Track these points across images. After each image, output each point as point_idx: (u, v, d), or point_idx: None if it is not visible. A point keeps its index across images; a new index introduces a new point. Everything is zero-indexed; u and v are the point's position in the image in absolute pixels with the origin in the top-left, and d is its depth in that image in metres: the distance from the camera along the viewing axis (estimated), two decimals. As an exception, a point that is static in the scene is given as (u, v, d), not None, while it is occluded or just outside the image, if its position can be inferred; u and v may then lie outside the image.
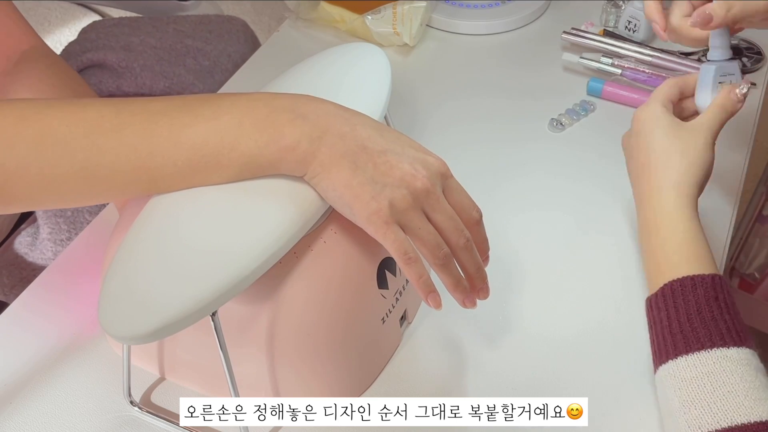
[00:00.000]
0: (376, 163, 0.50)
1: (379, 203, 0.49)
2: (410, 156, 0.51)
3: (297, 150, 0.50)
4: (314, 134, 0.50)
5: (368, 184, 0.49)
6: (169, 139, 0.50)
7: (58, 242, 0.84)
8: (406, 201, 0.50)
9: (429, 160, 0.51)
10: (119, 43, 1.02)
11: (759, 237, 1.25)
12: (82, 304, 0.69)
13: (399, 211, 0.50)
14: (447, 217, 0.52)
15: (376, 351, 0.63)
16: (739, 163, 0.81)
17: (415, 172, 0.50)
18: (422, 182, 0.50)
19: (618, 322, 0.67)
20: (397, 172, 0.50)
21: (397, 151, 0.51)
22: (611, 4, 1.01)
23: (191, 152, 0.50)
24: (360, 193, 0.49)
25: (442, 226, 0.52)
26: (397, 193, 0.49)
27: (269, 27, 2.09)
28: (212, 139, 0.50)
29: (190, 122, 0.50)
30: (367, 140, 0.50)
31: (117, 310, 0.47)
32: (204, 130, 0.50)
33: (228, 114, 0.50)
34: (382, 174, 0.50)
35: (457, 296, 0.54)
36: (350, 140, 0.50)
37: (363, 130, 0.51)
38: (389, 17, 0.98)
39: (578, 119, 0.89)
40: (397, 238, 0.50)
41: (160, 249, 0.50)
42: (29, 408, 0.62)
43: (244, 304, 0.56)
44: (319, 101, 0.52)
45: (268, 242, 0.50)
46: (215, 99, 0.52)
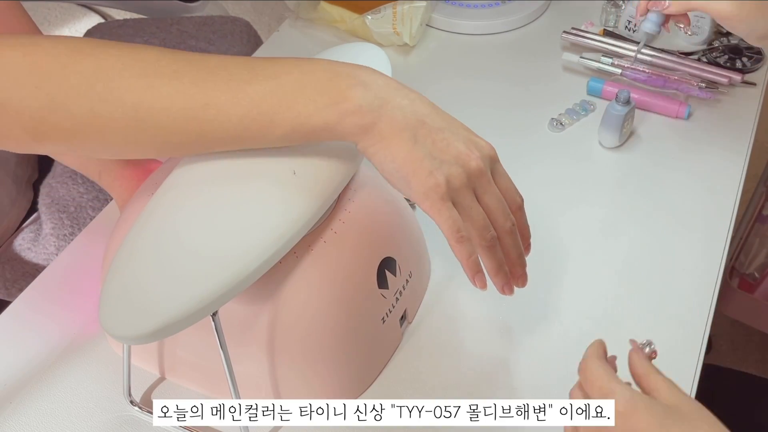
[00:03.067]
0: (434, 140, 0.50)
1: (437, 179, 0.49)
2: (464, 136, 0.52)
3: (357, 114, 0.49)
4: (375, 103, 0.49)
5: (427, 159, 0.49)
6: (226, 93, 0.49)
7: (61, 237, 0.84)
8: (461, 179, 0.50)
9: (481, 142, 0.52)
10: (123, 44, 1.03)
11: (759, 237, 1.25)
12: (83, 304, 0.69)
13: (454, 188, 0.50)
14: (496, 200, 0.52)
15: (376, 351, 0.63)
16: (739, 163, 0.82)
17: (470, 152, 0.51)
18: (476, 162, 0.51)
19: (616, 322, 0.67)
20: (453, 150, 0.50)
21: (453, 130, 0.51)
22: (611, 4, 1.01)
23: (247, 108, 0.49)
24: (419, 167, 0.49)
25: (491, 207, 0.52)
26: (454, 170, 0.50)
27: (269, 27, 2.09)
28: (270, 97, 0.49)
29: (249, 79, 0.49)
30: (426, 116, 0.51)
31: (118, 310, 0.47)
32: (262, 88, 0.49)
33: (289, 75, 0.50)
34: (440, 150, 0.50)
35: (498, 281, 0.55)
36: (410, 114, 0.50)
37: (422, 105, 0.51)
38: (389, 17, 0.98)
39: (578, 119, 0.89)
40: (451, 216, 0.50)
41: (161, 249, 0.50)
42: (29, 408, 0.62)
43: (245, 304, 0.56)
44: (378, 73, 0.52)
45: (269, 242, 0.50)
46: (275, 60, 0.51)
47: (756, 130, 0.87)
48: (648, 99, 0.88)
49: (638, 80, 0.90)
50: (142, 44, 0.51)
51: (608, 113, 0.81)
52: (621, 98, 0.80)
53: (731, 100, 0.90)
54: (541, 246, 0.73)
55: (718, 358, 1.43)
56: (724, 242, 0.73)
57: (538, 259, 0.72)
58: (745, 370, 0.94)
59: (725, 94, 0.90)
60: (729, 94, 0.90)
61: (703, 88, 0.88)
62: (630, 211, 0.77)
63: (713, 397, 0.77)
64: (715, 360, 1.40)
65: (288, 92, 0.49)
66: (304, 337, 0.57)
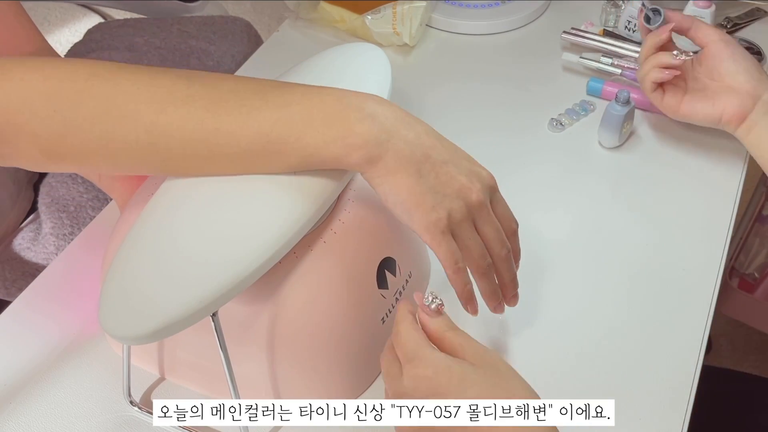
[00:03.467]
0: (438, 173, 0.51)
1: (439, 213, 0.51)
2: (466, 168, 0.53)
3: (364, 149, 0.50)
4: (382, 136, 0.50)
5: (430, 194, 0.51)
6: (237, 119, 0.50)
7: (61, 237, 0.84)
8: (462, 213, 0.52)
9: (482, 174, 0.53)
10: (123, 44, 1.03)
11: (759, 237, 1.25)
12: (83, 304, 0.69)
13: (455, 222, 0.52)
14: (494, 229, 0.54)
15: (376, 351, 0.63)
16: (738, 163, 0.82)
17: (471, 185, 0.52)
18: (477, 195, 0.52)
19: (616, 322, 0.67)
20: (456, 184, 0.51)
21: (456, 163, 0.52)
22: (611, 4, 1.01)
23: (256, 136, 0.50)
24: (422, 201, 0.51)
25: (489, 237, 0.54)
26: (455, 204, 0.51)
27: (269, 27, 2.09)
28: (279, 126, 0.50)
29: (260, 106, 0.51)
30: (431, 149, 0.52)
31: (117, 310, 0.47)
32: (272, 117, 0.50)
33: (299, 104, 0.51)
34: (442, 184, 0.51)
35: (491, 303, 0.57)
36: (416, 147, 0.51)
37: (427, 138, 0.52)
38: (389, 17, 0.98)
39: (578, 119, 0.89)
40: (450, 248, 0.52)
41: (161, 249, 0.50)
42: (29, 408, 0.62)
43: (245, 305, 0.56)
44: (386, 103, 0.53)
45: (269, 243, 0.50)
46: (287, 87, 0.52)
47: (756, 130, 0.86)
48: (648, 99, 0.88)
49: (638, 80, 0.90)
50: (160, 68, 0.53)
51: (608, 113, 0.81)
52: (621, 98, 0.81)
53: (731, 100, 0.90)
54: (541, 246, 0.74)
55: (717, 359, 1.43)
56: (723, 242, 0.73)
57: (538, 259, 0.72)
58: (744, 370, 0.94)
59: (725, 94, 0.90)
60: (729, 94, 0.90)
61: (703, 88, 0.88)
62: (630, 211, 0.77)
63: (713, 398, 0.78)
64: (715, 360, 1.40)
65: (297, 123, 0.50)
66: (304, 337, 0.57)
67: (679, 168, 0.82)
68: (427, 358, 0.48)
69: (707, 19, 0.94)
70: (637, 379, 0.62)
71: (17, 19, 0.76)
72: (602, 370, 0.63)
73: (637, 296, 0.69)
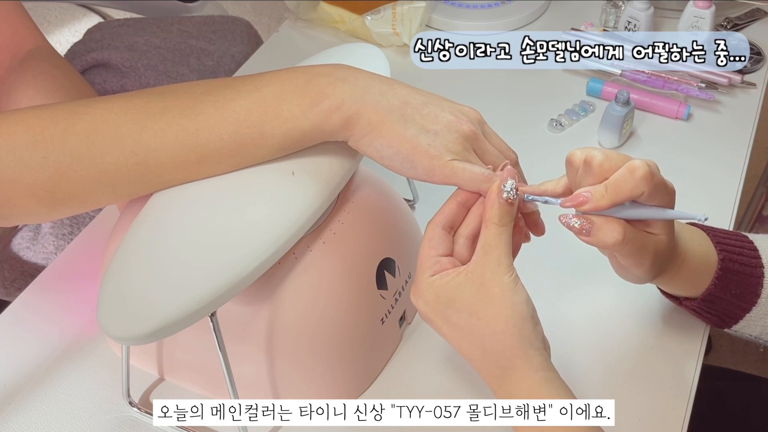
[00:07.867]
0: (422, 114, 0.51)
1: (438, 150, 0.50)
2: (448, 107, 0.53)
3: (341, 109, 0.50)
4: (356, 93, 0.51)
5: (422, 134, 0.51)
6: (213, 115, 0.51)
7: (60, 236, 0.84)
8: (459, 143, 0.51)
9: (465, 109, 0.54)
10: (123, 43, 1.03)
11: (759, 237, 1.25)
12: (82, 305, 0.69)
13: (456, 153, 0.51)
14: (495, 156, 0.54)
15: (375, 351, 0.63)
16: (738, 163, 0.82)
17: (458, 119, 0.52)
18: (467, 126, 0.52)
19: (616, 322, 0.67)
20: (443, 120, 0.52)
21: (436, 104, 0.53)
22: (611, 4, 1.01)
23: (236, 125, 0.51)
24: (416, 144, 0.50)
25: (495, 154, 0.54)
26: (450, 137, 0.51)
27: (269, 27, 2.09)
28: (255, 109, 0.51)
29: (233, 97, 0.51)
30: (408, 95, 0.52)
31: (116, 311, 0.47)
32: (247, 102, 0.51)
33: (269, 86, 0.51)
34: (431, 123, 0.51)
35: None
36: (392, 96, 0.51)
37: (401, 88, 0.52)
38: (389, 17, 0.98)
39: (578, 119, 0.89)
40: (464, 167, 0.51)
41: (160, 250, 0.50)
42: (29, 408, 0.62)
43: (243, 305, 0.56)
44: (352, 68, 0.53)
45: (268, 243, 0.50)
46: (256, 75, 0.53)
47: (756, 130, 0.86)
48: (647, 99, 0.88)
49: (638, 81, 0.90)
50: (134, 91, 0.53)
51: (608, 114, 0.81)
52: (620, 99, 0.80)
53: (731, 100, 0.90)
54: (540, 246, 0.73)
55: (718, 359, 1.43)
56: (723, 242, 0.73)
57: (537, 260, 0.72)
58: (744, 370, 0.94)
59: (725, 95, 0.90)
60: (729, 94, 0.90)
61: (702, 89, 0.88)
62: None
63: (713, 398, 0.77)
64: (715, 360, 1.40)
65: (271, 102, 0.51)
66: (303, 337, 0.57)
67: (678, 168, 0.81)
68: (420, 289, 0.50)
69: (707, 20, 0.93)
70: (637, 379, 0.62)
71: (19, 17, 0.76)
72: (602, 370, 0.63)
73: (638, 296, 0.69)
